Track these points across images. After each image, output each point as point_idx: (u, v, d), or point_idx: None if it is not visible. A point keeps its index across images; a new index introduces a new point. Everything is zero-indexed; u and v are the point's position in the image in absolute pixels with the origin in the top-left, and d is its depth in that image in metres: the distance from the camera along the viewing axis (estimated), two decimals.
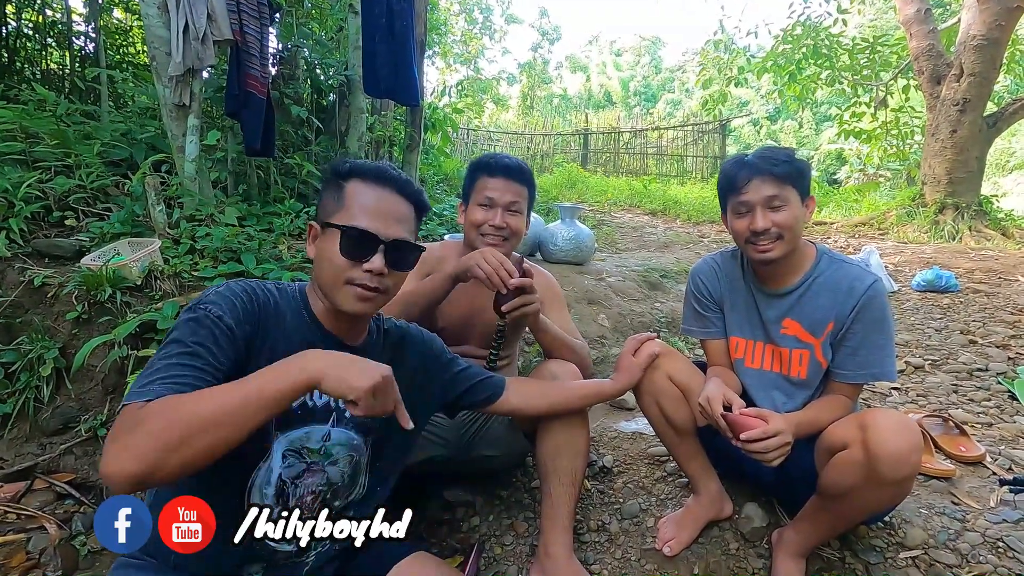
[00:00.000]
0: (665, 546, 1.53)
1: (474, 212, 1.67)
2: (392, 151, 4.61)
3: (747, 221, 1.38)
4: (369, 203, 1.05)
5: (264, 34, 3.17)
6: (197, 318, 0.93)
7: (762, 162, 1.36)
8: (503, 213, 1.64)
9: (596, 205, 8.13)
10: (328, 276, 1.05)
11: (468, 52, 13.28)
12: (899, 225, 6.65)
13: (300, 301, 1.09)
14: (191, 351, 0.89)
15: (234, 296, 0.98)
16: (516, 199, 1.66)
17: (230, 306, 0.96)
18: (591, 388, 1.51)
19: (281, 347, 1.00)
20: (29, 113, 3.12)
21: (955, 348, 3.03)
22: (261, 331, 1.00)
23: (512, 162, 1.69)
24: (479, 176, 1.69)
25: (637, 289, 3.78)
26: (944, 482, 1.73)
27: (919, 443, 1.18)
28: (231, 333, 0.94)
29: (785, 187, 1.35)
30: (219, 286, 1.01)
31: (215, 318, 0.93)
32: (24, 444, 2.06)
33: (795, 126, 20.74)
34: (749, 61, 10.55)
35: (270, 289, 1.07)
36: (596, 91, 31.58)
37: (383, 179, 1.08)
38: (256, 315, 1.00)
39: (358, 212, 1.04)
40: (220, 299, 0.97)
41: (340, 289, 1.04)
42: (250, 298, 1.01)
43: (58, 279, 2.25)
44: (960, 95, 6.37)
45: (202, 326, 0.92)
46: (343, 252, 1.02)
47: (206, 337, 0.92)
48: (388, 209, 1.07)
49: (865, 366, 1.38)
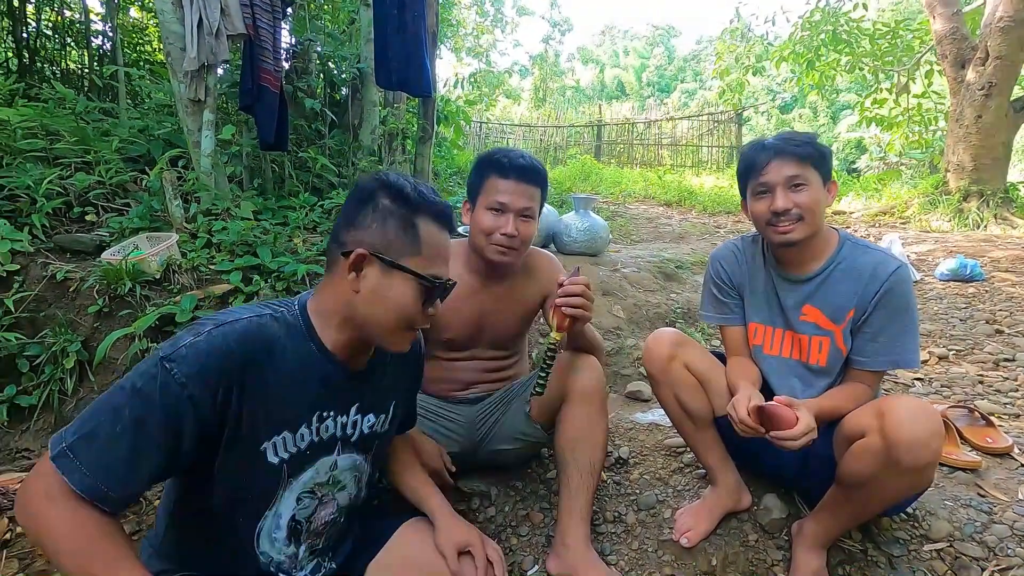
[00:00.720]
0: (683, 537, 1.52)
1: (483, 217, 1.53)
2: (405, 144, 4.61)
3: (767, 202, 1.35)
4: (442, 249, 1.01)
5: (277, 28, 3.18)
6: (157, 379, 0.84)
7: (783, 143, 1.34)
8: (515, 220, 1.51)
9: (610, 197, 8.06)
10: (392, 320, 0.98)
11: (480, 46, 13.22)
12: (921, 214, 6.50)
13: (303, 330, 0.99)
14: (140, 426, 0.82)
15: (210, 355, 0.87)
16: (529, 204, 1.53)
17: (200, 371, 0.86)
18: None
19: (275, 383, 0.95)
20: (50, 111, 3.18)
21: (981, 338, 2.96)
22: (249, 386, 0.91)
23: (526, 161, 1.54)
24: (489, 175, 1.54)
25: (652, 280, 3.74)
26: (970, 474, 1.69)
27: (939, 429, 1.14)
28: (192, 405, 0.85)
29: (806, 167, 1.33)
30: (199, 335, 0.88)
31: (177, 386, 0.84)
32: (49, 435, 2.09)
33: (810, 115, 20.37)
34: (767, 49, 10.36)
35: (264, 324, 0.95)
36: (609, 82, 31.31)
37: (447, 220, 1.03)
38: (236, 371, 0.90)
39: (436, 259, 1.00)
40: (192, 359, 0.86)
41: (401, 334, 1.00)
42: (229, 354, 0.89)
43: (79, 274, 2.29)
44: (985, 79, 6.18)
45: (155, 387, 0.84)
46: (425, 303, 0.98)
47: (156, 403, 0.83)
48: (449, 252, 1.04)
49: (885, 353, 1.35)
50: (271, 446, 0.96)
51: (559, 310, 1.32)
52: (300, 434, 0.99)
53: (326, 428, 1.03)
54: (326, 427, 1.03)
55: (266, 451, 0.96)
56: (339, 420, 1.04)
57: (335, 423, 1.04)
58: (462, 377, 1.71)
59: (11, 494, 1.86)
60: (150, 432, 0.83)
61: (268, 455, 0.96)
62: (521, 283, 1.69)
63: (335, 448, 1.06)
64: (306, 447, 1.00)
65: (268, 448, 0.96)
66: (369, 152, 4.09)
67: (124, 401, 0.84)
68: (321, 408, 1.01)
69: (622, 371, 2.71)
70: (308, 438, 1.00)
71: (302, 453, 1.00)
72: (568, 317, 1.32)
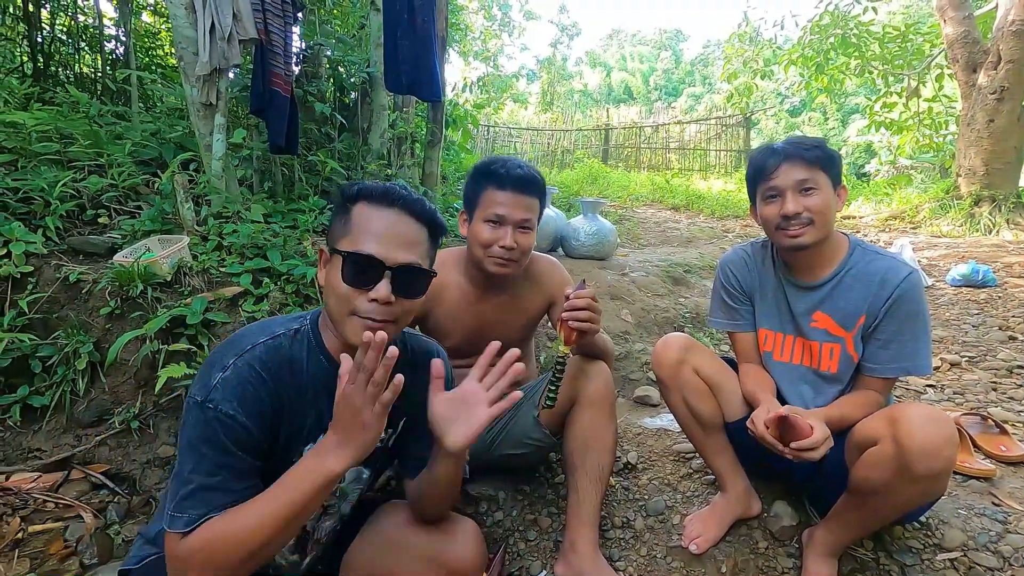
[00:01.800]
0: (692, 544, 1.51)
1: (481, 229, 1.51)
2: (414, 147, 4.63)
3: (777, 206, 1.35)
4: (375, 227, 0.97)
5: (288, 33, 3.20)
6: (207, 420, 0.89)
7: (792, 147, 1.34)
8: (513, 232, 1.49)
9: (618, 200, 8.05)
10: (334, 306, 0.98)
11: (487, 50, 13.24)
12: (932, 219, 6.44)
13: (314, 340, 1.03)
14: (216, 464, 0.89)
15: (243, 385, 0.92)
16: (528, 216, 1.51)
17: (240, 399, 0.91)
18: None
19: (300, 399, 0.99)
20: (63, 114, 3.21)
21: (994, 344, 2.92)
22: (279, 404, 0.97)
23: (524, 171, 1.50)
24: (486, 187, 1.51)
25: (661, 284, 3.73)
26: (984, 482, 1.67)
27: (953, 436, 1.13)
28: (247, 430, 0.91)
29: (816, 171, 1.32)
30: (224, 368, 0.92)
31: (226, 418, 0.89)
32: (61, 436, 2.12)
33: (820, 118, 20.24)
34: (775, 53, 10.32)
35: (280, 344, 0.99)
36: (616, 86, 31.30)
37: (390, 200, 0.99)
38: (270, 395, 0.95)
39: (363, 237, 0.97)
40: (229, 392, 0.91)
41: (346, 321, 0.97)
42: (260, 379, 0.94)
43: (92, 275, 2.31)
44: (997, 83, 6.13)
45: (216, 432, 0.89)
46: (346, 279, 0.95)
47: (223, 444, 0.89)
48: (396, 232, 0.98)
49: (897, 359, 1.34)
50: (299, 455, 1.00)
51: (566, 324, 1.32)
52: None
53: None
54: None
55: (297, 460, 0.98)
56: None
57: None
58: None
59: (23, 494, 1.88)
60: (222, 462, 0.90)
61: None
62: (524, 290, 1.68)
63: None
64: None
65: (298, 457, 0.98)
66: (378, 156, 4.11)
67: (197, 454, 0.89)
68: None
69: (630, 376, 2.70)
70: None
71: None
72: (575, 331, 1.32)
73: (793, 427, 1.21)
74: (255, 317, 2.29)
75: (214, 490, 0.88)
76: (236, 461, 0.90)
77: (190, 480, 0.88)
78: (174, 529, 0.87)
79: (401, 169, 4.31)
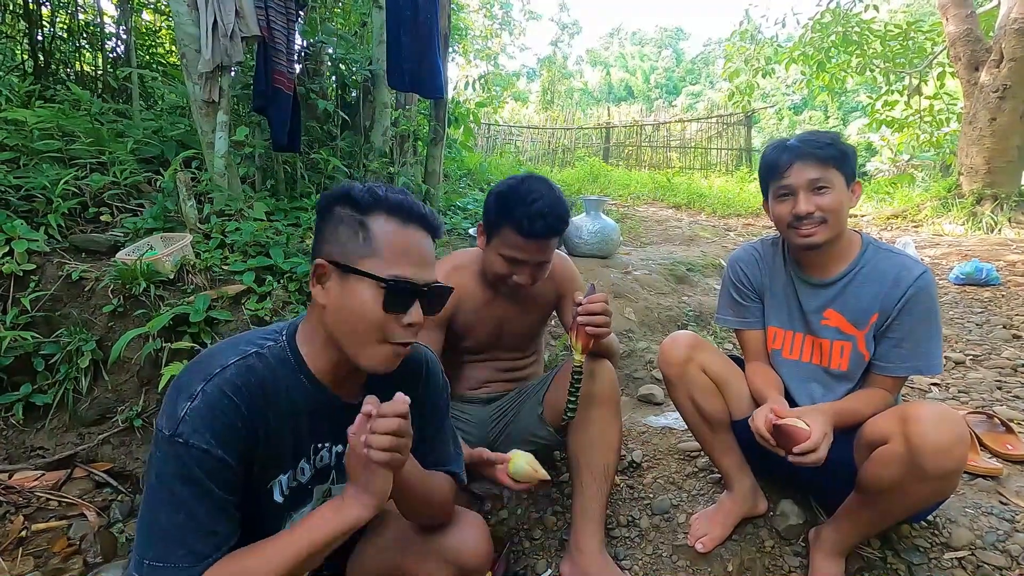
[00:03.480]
0: (698, 543, 1.50)
1: (498, 261, 1.47)
2: (416, 145, 4.62)
3: (789, 205, 1.34)
4: (404, 246, 0.90)
5: (290, 30, 3.19)
6: (178, 456, 0.81)
7: (804, 145, 1.32)
8: (532, 270, 1.49)
9: (619, 199, 8.04)
10: (360, 332, 0.89)
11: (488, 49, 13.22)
12: (934, 217, 6.44)
13: (293, 361, 0.94)
14: (190, 502, 0.81)
15: (214, 413, 0.83)
16: (547, 257, 1.48)
17: (212, 431, 0.83)
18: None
19: (275, 422, 0.92)
20: (65, 112, 3.20)
21: (998, 343, 2.92)
22: (254, 430, 0.89)
23: (548, 222, 1.39)
24: (507, 226, 1.42)
25: (664, 283, 3.72)
26: (991, 481, 1.67)
27: (964, 435, 1.13)
28: (223, 463, 0.84)
29: (829, 169, 1.31)
30: (192, 397, 0.83)
31: (200, 452, 0.81)
32: (64, 434, 2.12)
33: (821, 116, 20.22)
34: (776, 51, 10.30)
35: (252, 365, 0.90)
36: (617, 84, 31.27)
37: (412, 215, 0.91)
38: (243, 422, 0.87)
39: (394, 258, 0.88)
40: (199, 423, 0.82)
41: (374, 348, 0.90)
42: (232, 405, 0.85)
43: (95, 273, 2.30)
44: (1000, 81, 6.11)
45: (190, 468, 0.81)
46: (387, 307, 0.87)
47: (198, 479, 0.82)
48: (422, 251, 0.92)
49: (909, 359, 1.33)
50: (277, 484, 0.96)
51: (582, 331, 1.31)
52: (301, 468, 0.99)
53: (321, 459, 1.02)
54: (321, 457, 1.02)
55: (272, 489, 0.96)
56: (334, 450, 1.03)
57: (330, 453, 1.03)
58: (477, 375, 1.72)
59: (27, 493, 1.88)
60: (213, 491, 0.83)
61: (275, 493, 0.96)
62: (536, 287, 1.68)
63: (330, 477, 1.05)
64: (307, 480, 1.00)
65: (275, 486, 0.96)
66: (380, 154, 4.10)
67: (171, 495, 0.81)
68: (316, 440, 1.00)
69: (634, 374, 2.70)
70: (308, 472, 1.00)
71: (303, 487, 1.00)
72: (592, 337, 1.32)
73: (790, 435, 1.20)
74: (258, 315, 2.29)
75: (195, 532, 0.81)
76: (213, 499, 0.83)
77: (166, 528, 0.80)
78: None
79: (403, 167, 4.30)
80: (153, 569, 0.80)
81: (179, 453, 0.81)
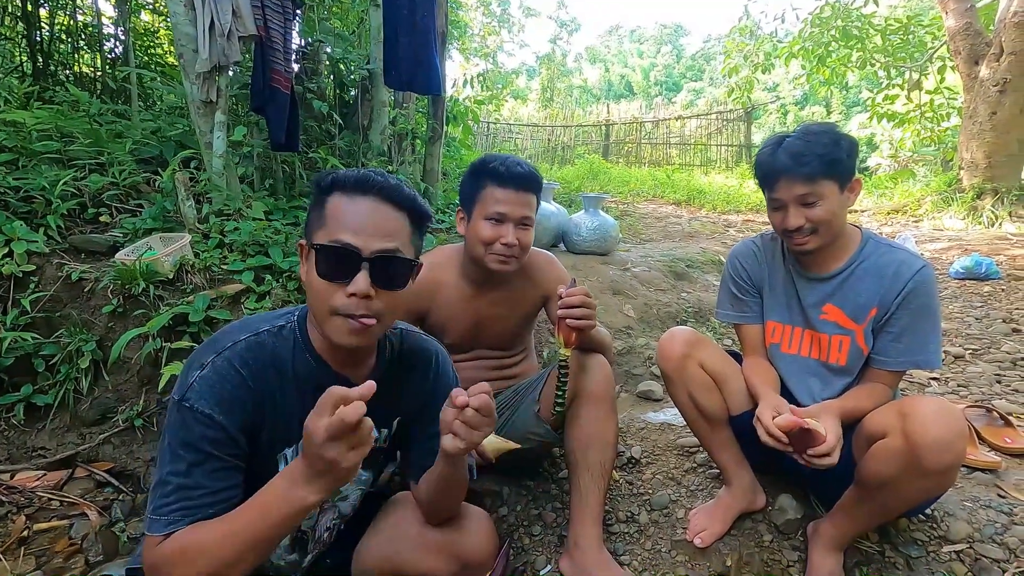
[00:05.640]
0: (696, 537, 1.51)
1: (482, 227, 1.52)
2: (415, 144, 4.62)
3: (781, 216, 1.35)
4: (349, 216, 0.92)
5: (288, 30, 3.19)
6: (184, 420, 0.87)
7: (791, 160, 1.29)
8: (515, 229, 1.51)
9: (619, 196, 8.04)
10: (314, 304, 0.94)
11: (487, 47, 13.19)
12: (934, 212, 6.43)
13: (301, 339, 0.99)
14: (192, 464, 0.87)
15: (222, 383, 0.90)
16: (528, 212, 1.53)
17: (218, 398, 0.89)
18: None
19: (282, 397, 0.96)
20: (63, 113, 3.21)
21: (997, 337, 2.92)
22: (260, 403, 0.94)
23: (524, 169, 1.52)
24: (486, 184, 1.52)
25: (663, 279, 3.72)
26: (989, 474, 1.67)
27: (963, 430, 1.13)
28: (224, 430, 0.89)
29: (817, 182, 1.29)
30: (203, 367, 0.90)
31: (203, 417, 0.87)
32: (65, 434, 2.12)
33: (823, 111, 20.17)
34: (776, 47, 10.28)
35: (263, 341, 0.96)
36: (616, 81, 31.22)
37: (365, 188, 0.93)
38: (250, 393, 0.92)
39: (335, 225, 0.91)
40: (206, 391, 0.88)
41: (328, 320, 0.92)
42: (239, 377, 0.91)
43: (94, 274, 2.31)
44: (1000, 75, 6.11)
45: (193, 431, 0.87)
46: (320, 273, 0.90)
47: (199, 444, 0.87)
48: (372, 221, 0.92)
49: (908, 353, 1.33)
50: (283, 458, 0.98)
51: (564, 324, 1.32)
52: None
53: None
54: None
55: (279, 461, 0.98)
56: None
57: None
58: (467, 375, 1.71)
59: (28, 492, 1.88)
60: (213, 454, 0.88)
61: (281, 465, 0.97)
62: (520, 286, 1.69)
63: None
64: None
65: (281, 459, 0.98)
66: (379, 152, 4.10)
67: (174, 455, 0.87)
68: None
69: (633, 370, 2.70)
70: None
71: None
72: (574, 330, 1.32)
73: (810, 437, 1.21)
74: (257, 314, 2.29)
75: (191, 490, 0.85)
76: (213, 461, 0.88)
77: (168, 481, 0.86)
78: (152, 532, 0.85)
79: (402, 166, 4.30)
80: (151, 521, 0.86)
81: (184, 417, 0.87)
